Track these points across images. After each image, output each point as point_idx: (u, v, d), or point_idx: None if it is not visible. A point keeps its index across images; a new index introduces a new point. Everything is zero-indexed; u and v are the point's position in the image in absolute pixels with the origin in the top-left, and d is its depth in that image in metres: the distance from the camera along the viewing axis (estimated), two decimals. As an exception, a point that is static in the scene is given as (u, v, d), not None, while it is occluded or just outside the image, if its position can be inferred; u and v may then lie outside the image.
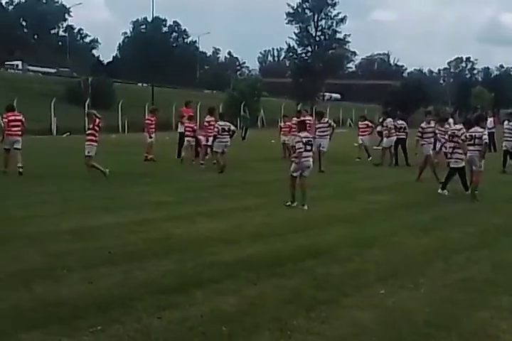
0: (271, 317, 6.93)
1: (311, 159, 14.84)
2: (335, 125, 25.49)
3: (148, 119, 27.46)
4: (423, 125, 21.19)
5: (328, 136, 23.86)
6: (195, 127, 25.33)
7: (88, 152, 19.58)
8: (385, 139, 26.93)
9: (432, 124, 21.64)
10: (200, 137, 26.07)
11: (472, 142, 16.43)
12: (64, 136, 51.53)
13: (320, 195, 16.43)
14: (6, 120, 20.89)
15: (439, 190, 16.96)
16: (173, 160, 26.49)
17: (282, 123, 30.35)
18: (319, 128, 23.74)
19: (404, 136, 26.77)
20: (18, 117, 21.27)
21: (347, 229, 12.09)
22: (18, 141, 20.94)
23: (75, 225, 11.82)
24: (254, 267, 8.89)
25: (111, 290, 7.78)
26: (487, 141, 16.70)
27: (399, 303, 7.51)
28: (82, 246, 10.12)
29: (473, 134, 16.45)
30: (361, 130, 29.81)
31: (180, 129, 27.53)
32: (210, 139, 23.76)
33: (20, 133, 21.12)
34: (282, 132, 29.03)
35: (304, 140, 14.58)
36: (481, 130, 16.55)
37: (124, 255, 9.56)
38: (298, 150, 14.60)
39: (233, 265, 9.00)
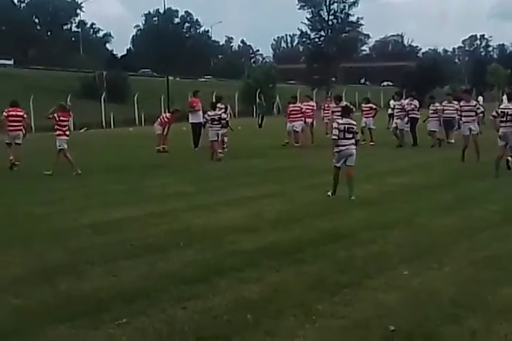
0: (295, 303, 6.91)
1: (352, 147, 13.75)
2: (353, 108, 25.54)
3: (166, 118, 27.49)
4: (462, 103, 20.61)
5: None
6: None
7: (59, 145, 19.70)
8: (399, 121, 26.67)
9: (473, 103, 20.63)
10: None
11: (505, 119, 16.36)
12: (81, 131, 51.68)
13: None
14: (6, 114, 21.39)
15: None
16: (190, 150, 26.57)
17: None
18: (338, 112, 23.67)
19: (418, 116, 26.74)
20: (19, 113, 21.77)
21: (368, 212, 12.02)
22: (18, 136, 21.49)
23: (95, 219, 11.86)
24: (275, 254, 8.87)
25: (134, 282, 7.79)
26: None
27: (424, 284, 7.47)
28: (103, 240, 10.15)
29: (505, 110, 16.42)
30: (365, 112, 29.24)
31: (192, 120, 27.58)
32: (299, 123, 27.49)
33: (20, 128, 21.64)
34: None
35: (343, 126, 13.64)
36: None
37: (146, 247, 9.58)
38: (333, 138, 13.89)
39: (254, 253, 8.99)
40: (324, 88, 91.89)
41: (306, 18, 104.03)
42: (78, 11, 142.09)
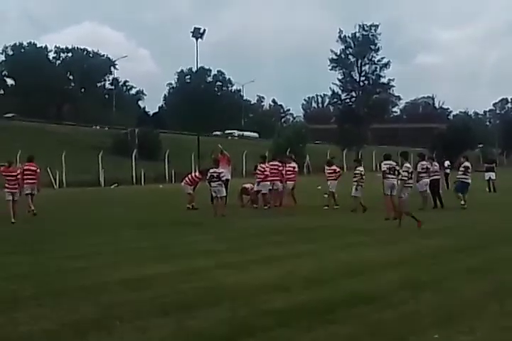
0: (326, 364, 6.86)
1: None
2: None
3: (196, 177, 27.84)
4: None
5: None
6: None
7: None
8: (417, 184, 26.01)
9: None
10: (246, 185, 26.91)
11: None
12: (112, 187, 52.12)
13: (371, 239, 16.40)
14: (22, 169, 23.84)
15: None
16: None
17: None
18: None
19: (439, 177, 26.84)
20: (32, 168, 24.51)
21: (399, 273, 11.92)
22: (33, 188, 24.29)
23: (127, 275, 11.89)
24: (306, 314, 8.80)
25: (163, 340, 7.78)
26: None
27: (455, 348, 7.39)
28: (134, 297, 10.16)
29: None
30: (328, 175, 28.18)
31: None
32: (263, 184, 26.86)
33: (32, 181, 24.20)
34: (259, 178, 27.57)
35: None
36: None
37: (176, 304, 9.56)
38: None
39: (285, 312, 8.91)
40: (354, 149, 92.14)
41: (338, 78, 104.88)
42: (112, 68, 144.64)
